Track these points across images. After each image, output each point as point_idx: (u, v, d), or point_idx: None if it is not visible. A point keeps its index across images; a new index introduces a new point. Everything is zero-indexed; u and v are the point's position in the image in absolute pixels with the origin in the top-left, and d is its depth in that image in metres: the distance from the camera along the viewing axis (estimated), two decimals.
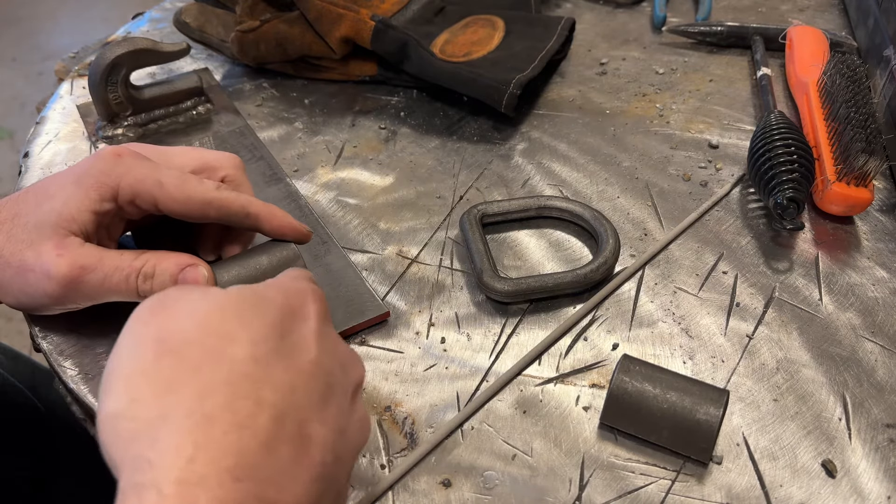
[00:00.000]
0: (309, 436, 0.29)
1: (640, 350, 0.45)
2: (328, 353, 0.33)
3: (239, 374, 0.29)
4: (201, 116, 0.63)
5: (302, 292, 0.34)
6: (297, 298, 0.34)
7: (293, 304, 0.33)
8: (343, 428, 0.32)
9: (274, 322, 0.32)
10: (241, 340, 0.30)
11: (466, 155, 0.60)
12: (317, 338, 0.32)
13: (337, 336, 0.35)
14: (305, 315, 0.33)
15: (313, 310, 0.34)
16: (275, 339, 0.31)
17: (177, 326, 0.31)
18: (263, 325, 0.31)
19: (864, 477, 0.39)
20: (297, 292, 0.34)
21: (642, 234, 0.53)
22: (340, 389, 0.32)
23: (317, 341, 0.32)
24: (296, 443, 0.29)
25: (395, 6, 0.65)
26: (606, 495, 0.38)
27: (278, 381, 0.30)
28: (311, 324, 0.33)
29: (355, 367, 0.35)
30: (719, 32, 0.71)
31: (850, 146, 0.51)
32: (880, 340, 0.45)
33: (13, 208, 0.42)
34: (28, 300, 0.42)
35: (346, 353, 0.35)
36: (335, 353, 0.33)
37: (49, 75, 2.10)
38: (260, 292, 0.33)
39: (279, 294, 0.33)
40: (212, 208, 0.42)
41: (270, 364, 0.30)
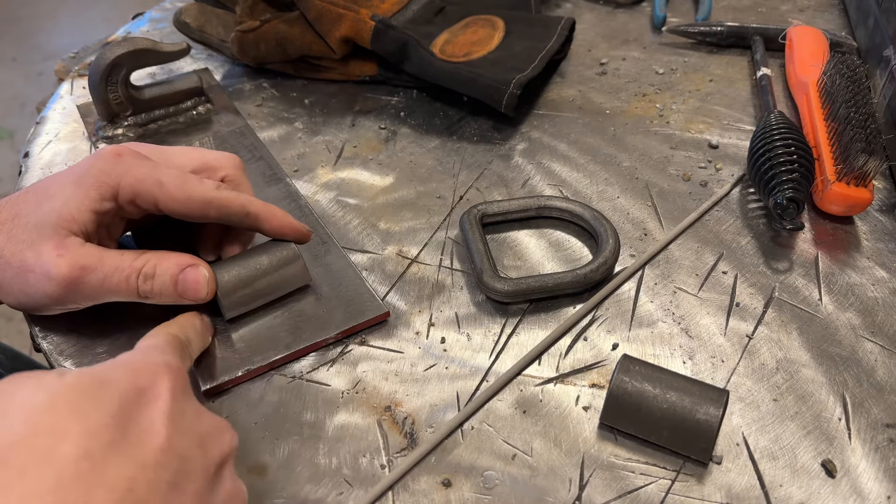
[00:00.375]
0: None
1: (639, 350, 0.45)
2: (182, 434, 0.31)
3: (68, 477, 0.26)
4: (201, 116, 0.63)
5: (151, 370, 0.32)
6: (146, 378, 0.32)
7: (140, 385, 0.31)
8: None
9: (113, 410, 0.29)
10: (73, 436, 0.27)
11: (466, 155, 0.60)
12: (167, 420, 0.30)
13: (197, 410, 0.33)
14: (155, 395, 0.31)
15: (165, 388, 0.32)
16: (114, 429, 0.29)
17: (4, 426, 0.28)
18: (101, 415, 0.29)
19: (863, 477, 0.39)
20: (146, 370, 0.32)
21: (642, 234, 0.53)
22: (198, 471, 0.31)
23: (167, 424, 0.30)
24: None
25: (395, 6, 0.65)
26: (606, 495, 0.38)
27: (114, 478, 0.27)
28: (160, 404, 0.31)
29: (221, 439, 0.33)
30: (719, 32, 0.71)
31: (849, 146, 0.51)
32: (880, 340, 0.45)
33: (13, 208, 0.42)
34: (28, 300, 0.42)
35: (208, 427, 0.33)
36: (192, 432, 0.32)
37: (49, 75, 2.11)
38: (101, 376, 0.31)
39: (124, 375, 0.31)
40: (212, 208, 0.42)
41: (107, 460, 0.28)
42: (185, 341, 0.39)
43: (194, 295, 0.42)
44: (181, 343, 0.38)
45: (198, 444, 0.31)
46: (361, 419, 0.42)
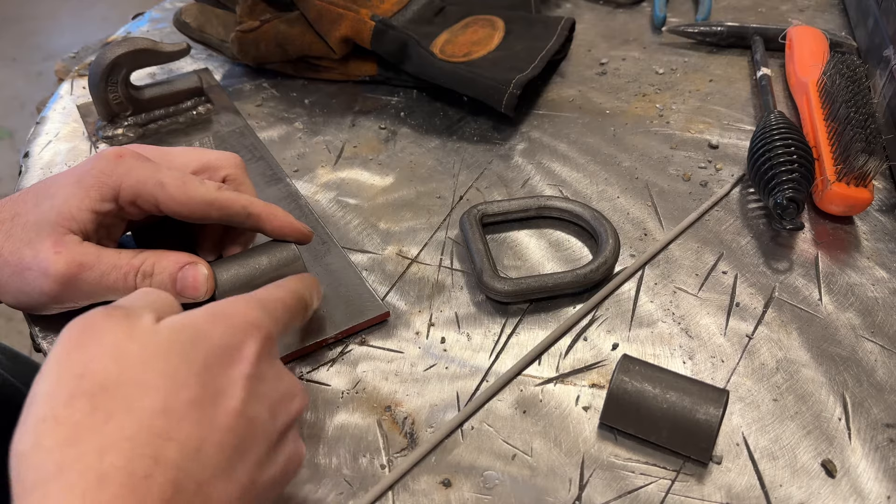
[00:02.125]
0: (209, 496, 0.28)
1: (639, 350, 0.45)
2: (257, 399, 0.32)
3: (145, 429, 0.28)
4: (201, 116, 0.63)
5: (244, 328, 0.33)
6: (238, 335, 0.32)
7: (230, 343, 0.32)
8: (255, 479, 0.31)
9: (199, 368, 0.30)
10: (156, 390, 0.29)
11: (466, 155, 0.60)
12: (246, 383, 0.31)
13: (277, 374, 0.34)
14: (241, 356, 0.32)
15: (251, 350, 0.32)
16: (196, 386, 0.30)
17: (98, 366, 0.29)
18: (186, 371, 0.30)
19: (863, 477, 0.39)
20: (239, 328, 0.33)
21: (642, 234, 0.53)
22: (264, 437, 0.32)
23: (245, 387, 0.31)
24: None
25: (395, 6, 0.65)
26: (606, 495, 0.38)
27: (186, 436, 0.29)
28: (243, 367, 0.32)
29: (291, 404, 0.34)
30: (719, 32, 0.71)
31: (849, 146, 0.51)
32: (880, 340, 0.45)
33: (13, 208, 0.42)
34: (27, 299, 0.42)
35: (283, 391, 0.34)
36: (266, 397, 0.32)
37: (49, 75, 2.10)
38: (196, 328, 0.32)
39: (217, 330, 0.32)
40: (213, 209, 0.42)
41: (183, 417, 0.29)
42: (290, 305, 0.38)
43: (193, 293, 0.42)
44: (285, 305, 0.38)
45: (269, 410, 0.32)
46: (361, 419, 0.42)
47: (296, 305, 0.39)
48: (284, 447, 0.33)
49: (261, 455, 0.31)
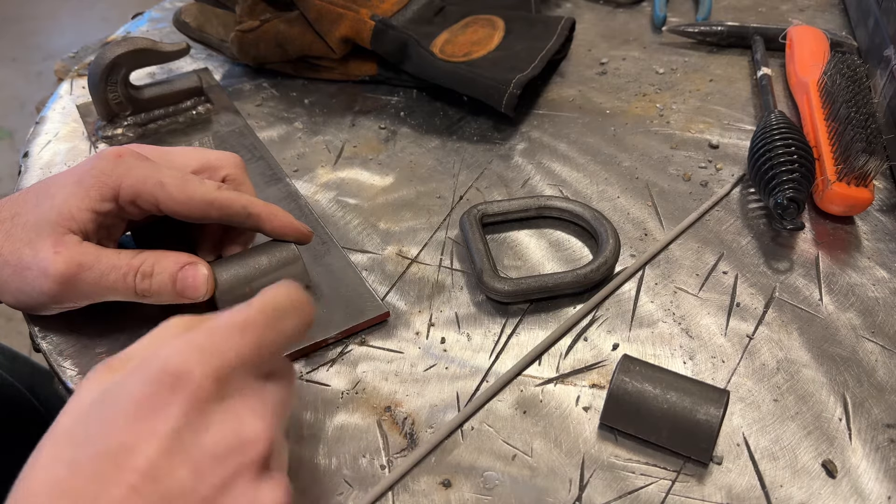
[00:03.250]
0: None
1: (640, 350, 0.45)
2: (175, 457, 0.29)
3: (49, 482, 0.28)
4: (201, 116, 0.63)
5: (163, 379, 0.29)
6: (155, 387, 0.29)
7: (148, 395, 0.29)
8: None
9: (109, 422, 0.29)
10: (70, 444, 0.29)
11: (466, 155, 0.60)
12: (158, 439, 0.28)
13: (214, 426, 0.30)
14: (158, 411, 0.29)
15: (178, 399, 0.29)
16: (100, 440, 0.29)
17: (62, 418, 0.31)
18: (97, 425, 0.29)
19: (864, 477, 0.39)
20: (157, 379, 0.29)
21: (642, 234, 0.53)
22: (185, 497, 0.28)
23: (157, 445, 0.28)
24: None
25: (395, 6, 0.65)
26: (606, 495, 0.38)
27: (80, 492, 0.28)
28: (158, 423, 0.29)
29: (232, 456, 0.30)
30: (719, 32, 0.71)
31: (850, 146, 0.51)
32: (880, 340, 0.45)
33: (13, 208, 0.42)
34: (26, 298, 0.42)
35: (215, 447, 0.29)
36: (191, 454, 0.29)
37: (49, 75, 2.10)
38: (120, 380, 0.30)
39: (135, 380, 0.30)
40: (213, 209, 0.42)
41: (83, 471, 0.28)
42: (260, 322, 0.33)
43: (193, 293, 0.42)
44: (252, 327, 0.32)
45: (190, 468, 0.29)
46: (361, 419, 0.42)
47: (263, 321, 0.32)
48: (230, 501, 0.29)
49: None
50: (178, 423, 0.29)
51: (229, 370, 0.31)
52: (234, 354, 0.31)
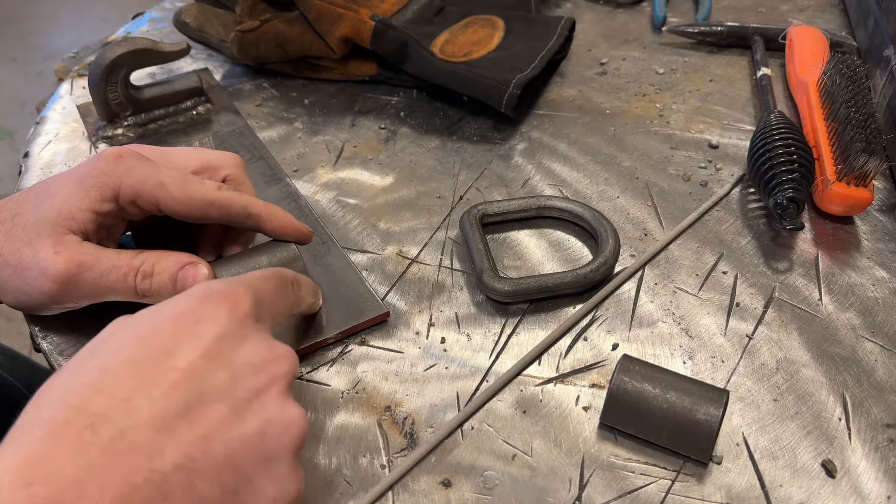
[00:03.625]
0: (134, 443, 0.28)
1: (639, 350, 0.45)
2: (213, 361, 0.31)
3: (77, 386, 0.29)
4: (201, 116, 0.63)
5: (207, 295, 0.33)
6: (196, 303, 0.33)
7: (185, 310, 0.32)
8: (212, 436, 0.30)
9: (144, 334, 0.31)
10: (99, 356, 0.31)
11: (466, 155, 0.60)
12: (199, 344, 0.31)
13: (250, 340, 0.33)
14: (198, 321, 0.32)
15: (214, 315, 0.32)
16: (137, 348, 0.31)
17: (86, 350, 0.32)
18: (131, 338, 0.31)
19: (863, 477, 0.39)
20: (199, 296, 0.33)
21: (642, 234, 0.53)
22: (219, 399, 0.30)
23: (197, 348, 0.31)
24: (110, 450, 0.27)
25: (395, 6, 0.65)
26: (606, 495, 0.38)
27: (114, 389, 0.29)
28: (199, 330, 0.31)
29: (263, 368, 0.33)
30: (719, 32, 0.71)
31: (850, 146, 0.51)
32: (880, 340, 0.45)
33: (13, 208, 0.42)
34: (26, 299, 0.42)
35: (255, 355, 0.33)
36: (229, 360, 0.32)
37: (49, 75, 2.11)
38: (155, 307, 0.33)
39: (173, 302, 0.33)
40: (213, 209, 0.42)
41: (117, 373, 0.30)
42: (268, 276, 0.38)
43: None
44: (263, 277, 0.37)
45: (230, 373, 0.31)
46: (361, 419, 0.42)
47: (276, 278, 0.38)
48: (258, 410, 0.31)
49: (219, 414, 0.30)
50: (220, 331, 0.32)
51: (262, 299, 0.35)
52: (263, 289, 0.36)
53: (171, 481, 0.28)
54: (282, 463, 0.32)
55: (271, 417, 0.32)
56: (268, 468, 0.31)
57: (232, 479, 0.30)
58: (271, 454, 0.31)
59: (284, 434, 0.32)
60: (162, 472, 0.28)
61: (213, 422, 0.30)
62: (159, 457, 0.28)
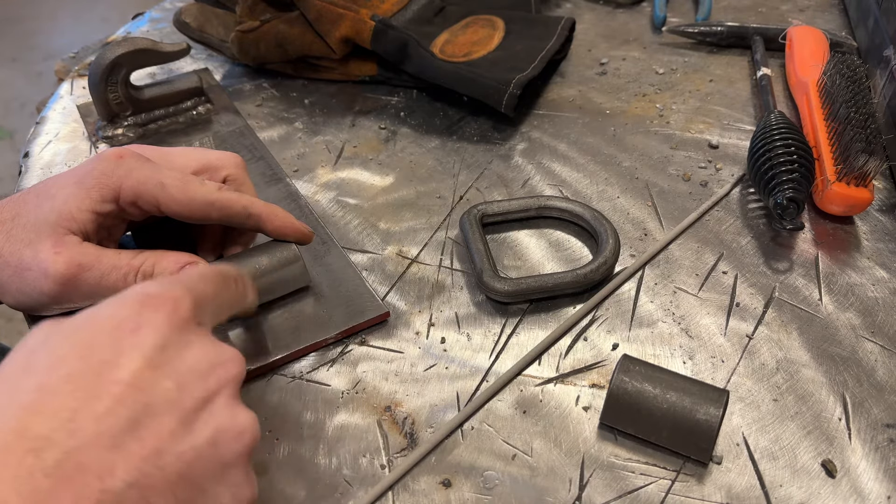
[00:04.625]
0: (82, 465, 0.27)
1: (640, 350, 0.45)
2: (157, 370, 0.30)
3: (14, 407, 0.28)
4: (201, 116, 0.64)
5: (143, 300, 0.31)
6: (133, 308, 0.31)
7: (124, 317, 0.31)
8: (163, 449, 0.29)
9: (81, 345, 0.30)
10: (35, 372, 0.29)
11: (466, 155, 0.60)
12: (140, 354, 0.30)
13: (193, 342, 0.31)
14: (137, 328, 0.30)
15: (159, 319, 0.31)
16: (75, 362, 0.29)
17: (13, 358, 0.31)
18: (67, 350, 0.29)
19: (863, 477, 0.39)
20: (135, 301, 0.31)
21: (642, 234, 0.53)
22: (167, 409, 0.29)
23: (139, 357, 0.29)
24: (57, 474, 0.26)
25: (395, 6, 0.65)
26: (606, 495, 0.38)
27: (56, 409, 0.28)
28: (139, 339, 0.30)
29: (211, 373, 0.31)
30: (719, 32, 0.71)
31: (850, 146, 0.51)
32: (880, 340, 0.45)
33: (14, 208, 0.42)
34: (26, 299, 0.42)
35: (200, 360, 0.31)
36: (173, 368, 0.30)
37: (49, 75, 2.10)
38: (88, 312, 0.31)
39: (108, 308, 0.31)
40: (214, 209, 0.42)
41: (56, 391, 0.28)
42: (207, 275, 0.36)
43: None
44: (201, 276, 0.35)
45: (176, 381, 0.30)
46: (361, 419, 0.42)
47: (216, 276, 0.36)
48: (208, 418, 0.30)
49: (168, 426, 0.29)
50: (162, 338, 0.30)
51: (201, 300, 0.33)
52: (203, 289, 0.34)
53: (125, 500, 0.27)
54: (237, 469, 0.31)
55: (222, 425, 0.31)
56: (222, 476, 0.30)
57: (187, 491, 0.29)
58: (225, 462, 0.31)
59: (237, 441, 0.31)
60: (114, 492, 0.27)
61: (164, 435, 0.29)
62: (110, 476, 0.27)
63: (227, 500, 0.30)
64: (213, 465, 0.30)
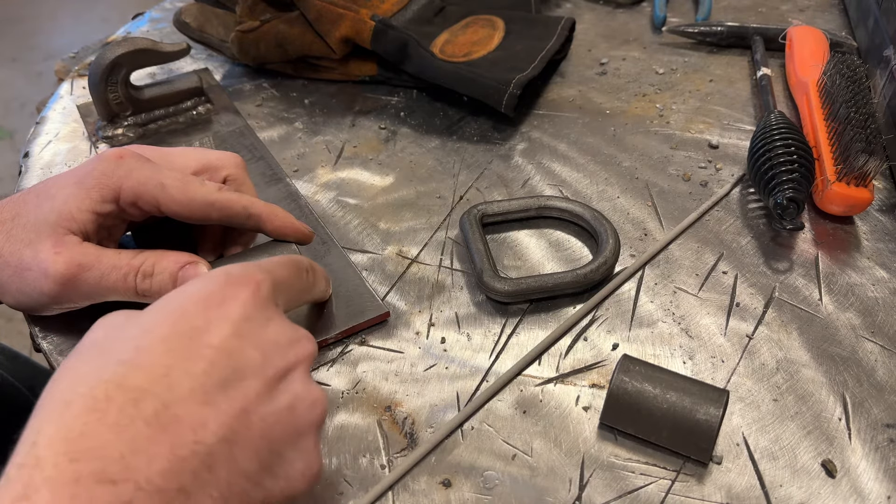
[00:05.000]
0: (178, 417, 0.29)
1: (640, 350, 0.45)
2: (244, 338, 0.32)
3: (112, 363, 0.29)
4: (201, 116, 0.63)
5: (229, 279, 0.33)
6: (220, 285, 0.33)
7: (212, 291, 0.33)
8: (249, 409, 0.31)
9: (174, 314, 0.32)
10: (131, 338, 0.31)
11: (466, 155, 0.60)
12: (229, 323, 0.32)
13: (267, 319, 0.34)
14: (226, 301, 0.33)
15: (239, 295, 0.33)
16: (167, 326, 0.31)
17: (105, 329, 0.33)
18: (161, 318, 0.32)
19: (863, 477, 0.39)
20: (222, 279, 0.33)
21: (642, 234, 0.53)
22: (252, 374, 0.31)
23: (228, 326, 0.32)
24: (155, 423, 0.28)
25: (395, 6, 0.65)
26: (606, 495, 0.38)
27: (152, 364, 0.30)
28: (227, 310, 0.32)
29: (290, 347, 0.34)
30: (719, 32, 0.71)
31: (850, 146, 0.51)
32: (880, 340, 0.45)
33: (14, 208, 0.42)
34: (26, 299, 0.42)
35: (276, 335, 0.33)
36: (257, 338, 0.33)
37: (49, 75, 2.11)
38: (181, 289, 0.34)
39: (198, 284, 0.33)
40: (214, 210, 0.42)
41: (151, 350, 0.30)
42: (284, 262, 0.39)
43: None
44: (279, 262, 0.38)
45: (260, 350, 0.32)
46: (361, 419, 0.42)
47: (292, 264, 0.39)
48: (287, 387, 0.33)
49: (254, 389, 0.31)
50: (247, 311, 0.33)
51: (279, 284, 0.36)
52: (280, 274, 0.37)
53: (215, 454, 0.29)
54: (309, 438, 0.33)
55: (300, 394, 0.33)
56: (296, 443, 0.32)
57: (267, 453, 0.31)
58: (300, 429, 0.32)
59: (311, 410, 0.33)
60: (206, 445, 0.29)
61: (250, 397, 0.31)
62: (203, 429, 0.29)
63: (300, 466, 0.32)
64: (291, 430, 0.32)
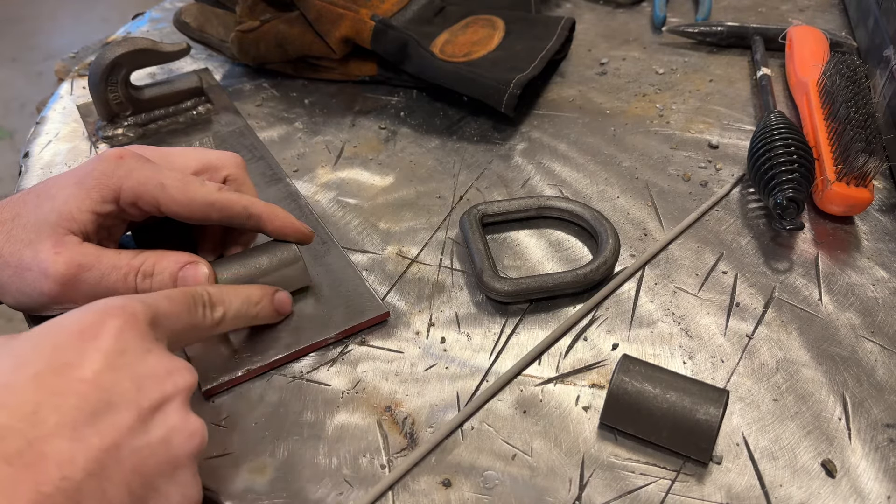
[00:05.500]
0: (43, 453, 0.28)
1: (639, 350, 0.45)
2: (116, 371, 0.32)
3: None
4: (201, 116, 0.64)
5: (104, 310, 0.33)
6: (95, 316, 0.33)
7: (86, 323, 0.33)
8: (120, 443, 0.30)
9: (46, 349, 0.31)
10: (2, 361, 0.31)
11: (466, 155, 0.60)
12: (101, 356, 0.32)
13: (150, 350, 0.33)
14: (98, 334, 0.32)
15: (111, 327, 0.32)
16: (39, 363, 0.31)
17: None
18: (32, 353, 0.31)
19: (863, 477, 0.39)
20: (97, 311, 0.33)
21: (642, 234, 0.53)
22: (125, 406, 0.31)
23: (101, 359, 0.31)
24: (18, 462, 0.28)
25: (395, 6, 0.65)
26: (606, 495, 0.38)
27: (20, 403, 0.29)
28: (100, 343, 0.32)
29: (167, 378, 0.33)
30: (719, 32, 0.71)
31: (850, 146, 0.51)
32: (880, 340, 0.45)
33: (14, 209, 0.42)
34: (26, 300, 0.42)
35: (153, 367, 0.33)
36: (131, 370, 0.32)
37: (49, 75, 2.10)
38: (53, 320, 0.33)
39: (71, 316, 0.33)
40: (214, 210, 0.42)
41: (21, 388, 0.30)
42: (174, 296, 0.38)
43: None
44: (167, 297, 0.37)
45: (133, 382, 0.32)
46: (361, 419, 0.42)
47: (181, 298, 0.38)
48: (163, 419, 0.32)
49: (126, 422, 0.31)
50: (122, 344, 0.32)
51: (161, 317, 0.35)
52: (164, 307, 0.36)
53: (83, 490, 0.29)
54: (186, 470, 0.33)
55: (176, 426, 0.33)
56: (172, 475, 0.32)
57: (140, 486, 0.31)
58: (176, 461, 0.32)
59: (188, 441, 0.33)
60: (74, 481, 0.28)
61: (122, 429, 0.31)
62: (70, 465, 0.29)
63: (176, 499, 0.32)
64: (166, 463, 0.32)
